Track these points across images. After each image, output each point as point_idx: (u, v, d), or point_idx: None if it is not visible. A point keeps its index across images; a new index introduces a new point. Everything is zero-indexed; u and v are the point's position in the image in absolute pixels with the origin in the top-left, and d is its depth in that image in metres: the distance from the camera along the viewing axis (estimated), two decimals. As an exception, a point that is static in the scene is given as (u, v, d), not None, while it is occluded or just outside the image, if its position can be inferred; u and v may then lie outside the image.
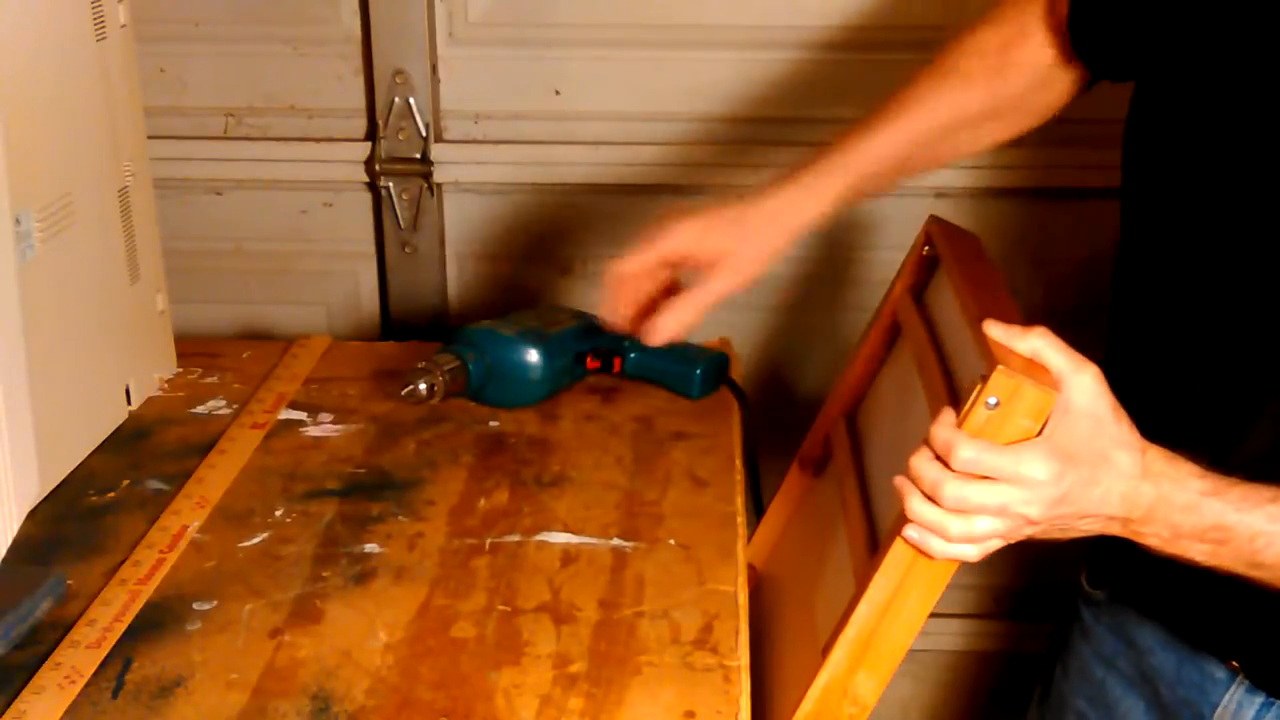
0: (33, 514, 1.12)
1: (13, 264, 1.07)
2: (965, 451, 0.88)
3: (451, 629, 1.00)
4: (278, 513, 1.15)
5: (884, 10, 1.60)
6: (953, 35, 1.20)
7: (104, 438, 1.26)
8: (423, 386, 1.25)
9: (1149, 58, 1.06)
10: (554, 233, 1.71)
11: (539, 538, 1.11)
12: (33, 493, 1.12)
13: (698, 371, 1.34)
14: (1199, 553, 0.92)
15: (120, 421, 1.29)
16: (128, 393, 1.31)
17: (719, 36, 1.63)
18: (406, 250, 1.71)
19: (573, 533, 1.12)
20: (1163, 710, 1.13)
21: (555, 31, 1.63)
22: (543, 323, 1.34)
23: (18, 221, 1.07)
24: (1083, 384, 0.89)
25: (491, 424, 1.30)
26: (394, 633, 0.99)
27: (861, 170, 1.16)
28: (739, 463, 1.24)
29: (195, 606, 1.02)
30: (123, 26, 1.27)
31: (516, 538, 1.11)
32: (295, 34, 1.65)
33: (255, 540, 1.11)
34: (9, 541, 1.05)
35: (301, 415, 1.31)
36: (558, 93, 1.66)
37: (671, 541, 1.11)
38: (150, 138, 1.34)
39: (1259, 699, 1.06)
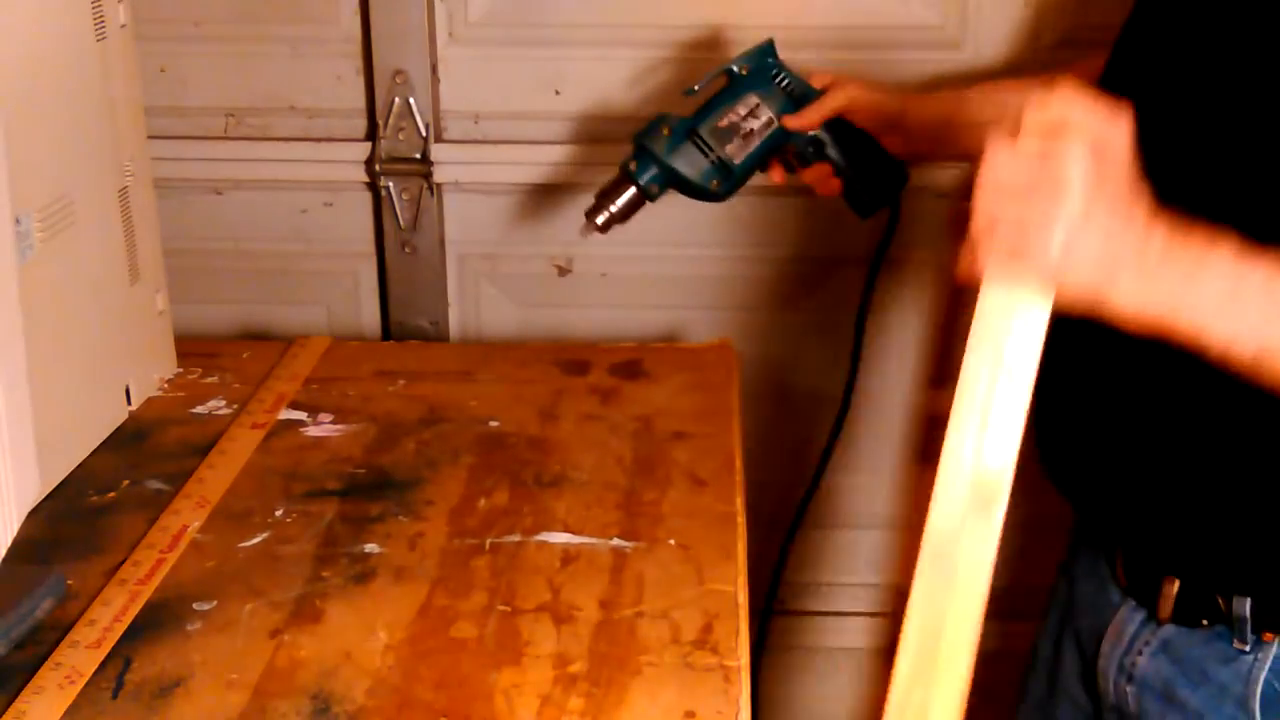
0: (33, 514, 1.12)
1: (13, 264, 1.07)
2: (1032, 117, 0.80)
3: (451, 629, 1.00)
4: (278, 513, 1.15)
5: (884, 10, 1.60)
6: None
7: (104, 438, 1.26)
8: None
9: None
10: (554, 233, 1.70)
11: (539, 538, 1.11)
12: (33, 493, 1.12)
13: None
14: (1214, 293, 0.82)
15: (120, 421, 1.29)
16: (128, 393, 1.31)
17: (718, 36, 1.62)
18: (406, 250, 1.71)
19: (573, 533, 1.12)
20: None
21: (555, 31, 1.63)
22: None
23: (18, 221, 1.08)
24: (1118, 131, 0.83)
25: (491, 424, 1.30)
26: (394, 633, 0.99)
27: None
28: (739, 463, 1.24)
29: (195, 606, 1.02)
30: (123, 26, 1.27)
31: (516, 538, 1.11)
32: (295, 34, 1.65)
33: (255, 540, 1.11)
34: (9, 541, 1.05)
35: (301, 415, 1.31)
36: (558, 93, 1.66)
37: (671, 541, 1.11)
38: (150, 138, 1.34)
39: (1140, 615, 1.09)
